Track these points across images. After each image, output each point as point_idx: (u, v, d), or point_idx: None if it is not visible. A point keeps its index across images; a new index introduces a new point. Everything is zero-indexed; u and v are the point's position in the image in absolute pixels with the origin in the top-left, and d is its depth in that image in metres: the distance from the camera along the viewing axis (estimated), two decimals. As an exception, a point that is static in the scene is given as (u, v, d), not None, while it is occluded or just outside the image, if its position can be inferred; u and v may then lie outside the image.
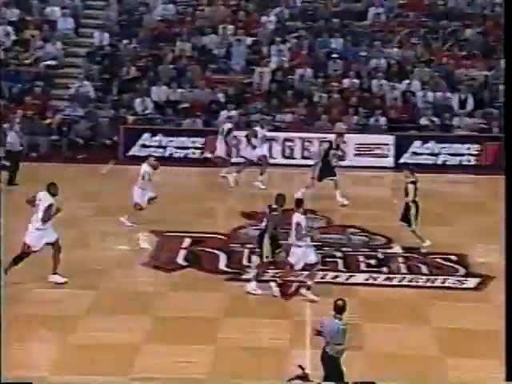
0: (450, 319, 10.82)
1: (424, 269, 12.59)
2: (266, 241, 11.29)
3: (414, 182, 13.03)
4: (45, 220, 11.28)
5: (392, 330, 10.43)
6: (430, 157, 18.59)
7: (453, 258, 12.96)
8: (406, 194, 13.09)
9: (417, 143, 18.75)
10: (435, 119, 19.20)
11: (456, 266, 12.67)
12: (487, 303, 11.37)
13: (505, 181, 6.76)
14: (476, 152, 18.21)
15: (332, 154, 15.74)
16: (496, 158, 18.05)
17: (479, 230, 14.35)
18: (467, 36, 21.21)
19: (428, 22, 21.87)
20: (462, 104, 19.44)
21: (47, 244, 11.45)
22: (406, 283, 12.06)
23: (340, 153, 16.83)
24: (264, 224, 11.64)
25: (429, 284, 12.04)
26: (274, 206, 11.45)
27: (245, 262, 12.64)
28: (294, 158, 18.96)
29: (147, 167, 14.17)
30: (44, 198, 11.35)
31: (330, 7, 22.66)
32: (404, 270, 12.55)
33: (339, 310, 8.05)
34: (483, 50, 20.77)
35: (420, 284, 12.05)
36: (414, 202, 13.04)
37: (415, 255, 13.04)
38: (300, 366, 8.06)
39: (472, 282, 12.07)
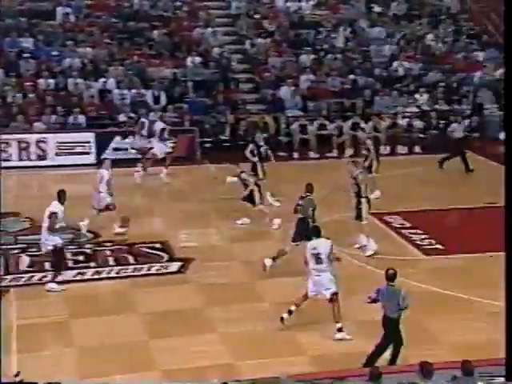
0: (158, 303, 11.31)
1: (131, 259, 12.95)
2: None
3: None
4: (51, 229, 11.51)
5: (101, 322, 10.62)
6: (130, 151, 18.97)
7: (157, 245, 13.49)
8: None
9: (117, 139, 19.05)
10: (133, 115, 19.64)
11: (160, 253, 13.20)
12: (190, 283, 12.09)
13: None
14: (171, 144, 19.04)
15: None
16: (189, 149, 19.10)
17: (180, 216, 15.13)
18: (154, 36, 22.00)
19: (118, 22, 22.25)
20: (156, 100, 20.14)
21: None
22: (115, 275, 12.31)
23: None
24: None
25: (136, 273, 12.44)
26: (304, 195, 12.54)
27: None
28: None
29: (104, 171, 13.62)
30: (53, 205, 11.73)
31: (15, 5, 22.04)
32: (112, 263, 12.80)
33: (392, 277, 9.28)
34: (170, 49, 21.71)
35: (128, 274, 12.39)
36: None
37: (121, 246, 13.36)
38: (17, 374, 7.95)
39: (175, 266, 12.69)
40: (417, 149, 19.93)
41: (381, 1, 24.52)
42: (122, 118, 19.71)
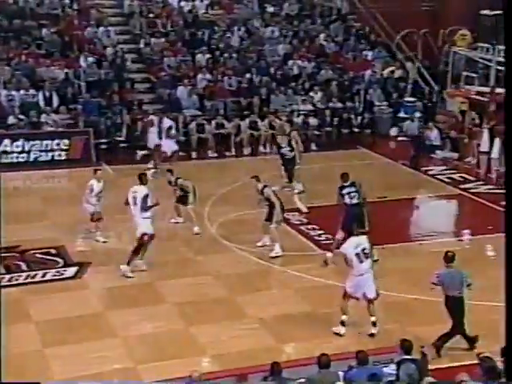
0: (54, 310, 10.95)
1: (23, 266, 12.47)
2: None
3: None
4: (144, 209, 11.80)
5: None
6: (21, 155, 18.32)
7: (52, 251, 13.06)
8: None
9: (6, 142, 18.29)
10: (23, 117, 18.95)
11: (55, 259, 12.79)
12: (86, 289, 11.77)
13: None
14: (65, 147, 18.49)
15: None
16: (83, 151, 18.62)
17: (75, 220, 14.68)
18: (43, 35, 21.31)
19: (1, 20, 21.35)
20: (48, 101, 19.51)
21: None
22: (7, 283, 11.80)
23: None
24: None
25: (29, 280, 11.99)
26: (345, 184, 12.49)
27: None
28: None
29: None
30: (139, 190, 11.97)
31: None
32: (2, 270, 12.27)
33: (451, 259, 9.45)
34: (61, 48, 21.10)
35: (21, 281, 11.93)
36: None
37: (13, 254, 12.83)
38: None
39: (71, 272, 12.33)
40: (312, 146, 20.22)
41: (273, 1, 24.75)
42: (11, 120, 18.96)
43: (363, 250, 10.10)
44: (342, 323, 10.26)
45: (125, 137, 19.37)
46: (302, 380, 7.81)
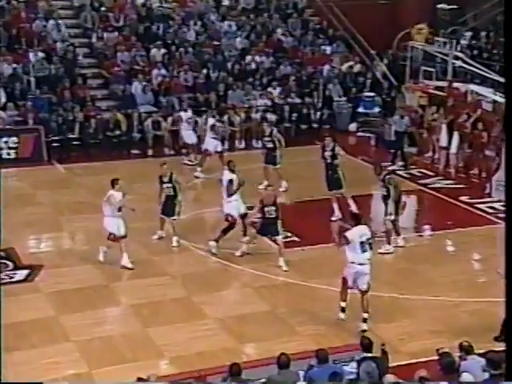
0: (4, 315, 10.72)
1: (-30, 270, 12.23)
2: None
3: None
4: (230, 194, 12.70)
5: None
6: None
7: (1, 253, 12.83)
8: None
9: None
10: (-31, 113, 18.60)
11: (5, 261, 12.53)
12: (38, 292, 11.59)
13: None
14: (14, 145, 18.19)
15: None
16: (33, 149, 18.32)
17: (26, 221, 14.48)
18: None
19: None
20: (-5, 97, 19.18)
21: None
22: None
23: None
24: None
25: (-23, 284, 11.77)
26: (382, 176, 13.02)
27: None
28: None
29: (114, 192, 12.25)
30: (225, 175, 12.95)
31: None
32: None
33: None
34: (8, 42, 20.73)
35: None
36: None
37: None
38: None
39: (21, 274, 12.11)
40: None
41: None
42: (-44, 116, 18.59)
43: (368, 239, 10.23)
44: (343, 309, 10.44)
45: (77, 134, 19.13)
46: (263, 380, 7.81)
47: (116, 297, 11.48)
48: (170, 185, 13.17)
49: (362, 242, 10.18)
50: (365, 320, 10.33)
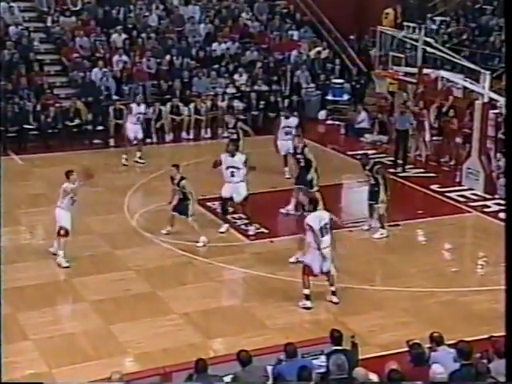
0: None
1: None
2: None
3: None
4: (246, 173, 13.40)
5: None
6: None
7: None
8: None
9: None
10: None
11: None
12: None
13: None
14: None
15: None
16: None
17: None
18: None
19: None
20: None
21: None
22: None
23: None
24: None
25: None
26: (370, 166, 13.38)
27: None
28: None
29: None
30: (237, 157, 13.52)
31: None
32: None
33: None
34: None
35: None
36: None
37: None
38: None
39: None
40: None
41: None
42: None
43: (325, 224, 10.67)
44: (307, 297, 10.72)
45: (35, 124, 18.91)
46: (230, 376, 7.82)
47: (77, 293, 11.38)
48: (177, 188, 13.06)
49: (320, 228, 10.61)
50: (333, 293, 10.84)
